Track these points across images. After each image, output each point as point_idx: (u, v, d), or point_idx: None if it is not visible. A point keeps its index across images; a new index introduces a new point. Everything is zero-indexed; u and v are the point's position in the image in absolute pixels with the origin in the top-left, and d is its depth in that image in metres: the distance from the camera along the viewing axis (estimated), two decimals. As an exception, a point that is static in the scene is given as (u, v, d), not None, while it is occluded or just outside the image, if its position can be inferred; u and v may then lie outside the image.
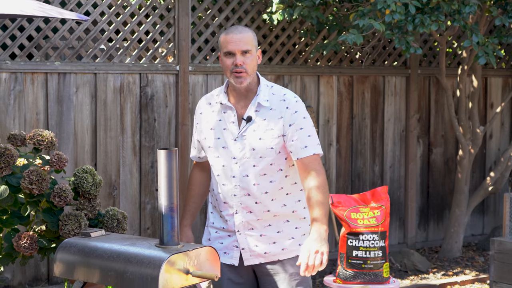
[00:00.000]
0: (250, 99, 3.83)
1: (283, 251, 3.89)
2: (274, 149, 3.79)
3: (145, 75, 6.91)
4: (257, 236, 3.87)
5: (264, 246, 3.87)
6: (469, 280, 7.40)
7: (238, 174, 3.81)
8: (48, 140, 4.19)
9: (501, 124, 9.01)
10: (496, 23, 6.87)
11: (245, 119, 3.80)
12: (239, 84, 3.77)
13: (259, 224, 3.86)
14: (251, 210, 3.84)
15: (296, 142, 3.78)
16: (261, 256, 3.89)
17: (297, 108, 3.82)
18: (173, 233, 3.24)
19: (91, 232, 3.49)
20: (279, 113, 3.79)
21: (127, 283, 3.19)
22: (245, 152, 3.80)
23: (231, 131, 3.83)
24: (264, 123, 3.79)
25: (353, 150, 8.06)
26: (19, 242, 3.98)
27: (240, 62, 3.73)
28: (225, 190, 3.87)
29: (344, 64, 7.95)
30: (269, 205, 3.84)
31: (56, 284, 6.59)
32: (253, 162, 3.79)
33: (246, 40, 3.75)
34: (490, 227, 9.01)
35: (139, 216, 6.98)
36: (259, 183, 3.81)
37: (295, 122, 3.80)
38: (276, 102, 3.82)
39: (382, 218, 3.77)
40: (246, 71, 3.75)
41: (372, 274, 3.74)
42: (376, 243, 3.75)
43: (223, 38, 3.78)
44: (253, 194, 3.82)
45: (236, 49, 3.73)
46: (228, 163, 3.83)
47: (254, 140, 3.79)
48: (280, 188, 3.85)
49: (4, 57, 6.35)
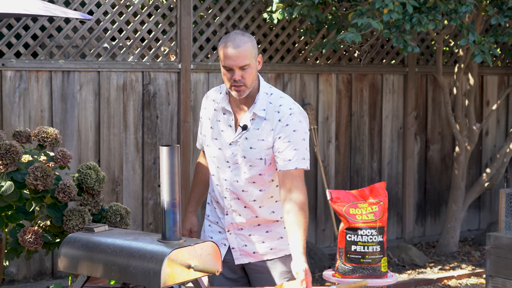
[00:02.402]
0: (249, 105, 3.80)
1: (271, 250, 3.89)
2: (263, 160, 3.76)
3: (147, 73, 6.94)
4: (246, 235, 3.87)
5: (253, 246, 3.88)
6: (466, 274, 7.44)
7: (229, 178, 3.81)
8: (52, 137, 4.20)
9: (497, 121, 9.02)
10: (492, 22, 6.91)
11: (241, 126, 3.78)
12: (238, 96, 3.73)
13: (248, 225, 3.87)
14: (240, 213, 3.85)
15: (281, 154, 3.71)
16: (250, 256, 3.89)
17: (289, 121, 3.74)
18: (175, 228, 3.21)
19: (94, 227, 3.43)
20: (271, 125, 3.74)
21: (130, 277, 3.17)
22: (237, 158, 3.78)
23: (228, 134, 3.83)
24: (257, 132, 3.75)
25: (352, 146, 8.08)
26: (24, 237, 3.99)
27: (238, 77, 3.67)
28: (217, 190, 3.88)
29: (343, 62, 7.96)
30: (257, 211, 3.84)
31: (60, 278, 6.61)
32: (244, 169, 3.78)
33: (244, 55, 3.66)
34: (486, 222, 9.03)
35: (141, 211, 7.01)
36: (248, 190, 3.80)
37: (285, 135, 3.72)
38: (271, 113, 3.76)
39: (380, 214, 3.78)
40: (245, 85, 3.69)
41: (371, 268, 3.75)
42: (374, 238, 3.75)
43: (222, 51, 3.68)
44: (242, 199, 3.82)
45: (234, 65, 3.65)
46: (222, 165, 3.83)
47: (246, 148, 3.76)
48: (270, 197, 3.84)
49: (9, 55, 6.37)
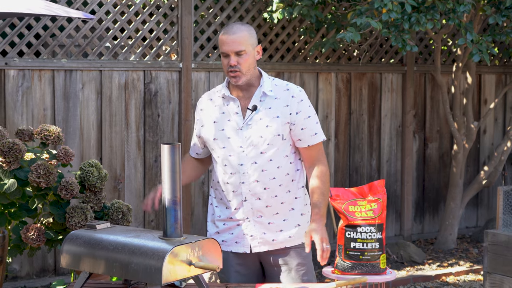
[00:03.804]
0: (252, 92, 3.88)
1: (290, 238, 3.93)
2: (281, 136, 3.82)
3: (149, 72, 6.98)
4: (265, 224, 3.89)
5: (272, 234, 3.90)
6: (464, 271, 7.47)
7: (246, 162, 3.84)
8: (55, 135, 4.24)
9: (494, 119, 9.05)
10: (489, 21, 6.96)
11: (250, 108, 3.85)
12: (234, 82, 3.82)
13: (268, 211, 3.90)
14: (259, 197, 3.88)
15: (306, 130, 3.85)
16: (269, 244, 3.91)
17: (302, 96, 3.89)
18: (177, 225, 3.25)
19: (96, 225, 3.47)
20: (284, 102, 3.84)
21: (132, 274, 3.19)
22: (252, 140, 3.82)
23: (235, 121, 3.87)
24: (270, 111, 3.83)
25: (351, 145, 8.11)
26: (27, 234, 4.03)
27: (234, 62, 3.76)
28: (233, 179, 3.88)
29: (342, 61, 8.00)
30: (276, 190, 3.89)
31: (63, 275, 6.66)
32: (261, 149, 3.82)
33: (240, 41, 3.76)
34: (484, 219, 9.06)
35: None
36: (267, 169, 3.84)
37: (302, 110, 3.86)
38: (280, 92, 3.87)
39: (379, 211, 3.80)
40: (240, 71, 3.78)
41: (370, 265, 3.77)
42: (373, 235, 3.77)
43: (220, 38, 3.81)
44: (261, 181, 3.84)
45: (230, 50, 3.76)
46: (235, 152, 3.85)
47: (262, 128, 3.82)
48: (286, 174, 3.88)
49: (12, 54, 6.42)
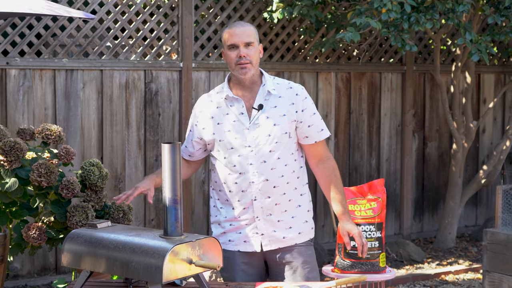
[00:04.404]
0: (255, 91, 3.90)
1: (299, 234, 3.94)
2: (288, 133, 3.85)
3: (149, 72, 7.00)
4: (275, 221, 3.89)
5: (282, 232, 3.90)
6: (463, 269, 7.49)
7: (255, 161, 3.85)
8: (56, 135, 4.22)
9: (493, 119, 9.06)
10: (488, 21, 6.96)
11: (255, 108, 3.87)
12: (244, 75, 3.84)
13: (277, 209, 3.89)
14: (269, 195, 3.88)
15: (313, 127, 3.90)
16: (279, 241, 3.92)
17: (306, 94, 3.94)
18: (177, 224, 3.25)
19: (97, 223, 3.47)
20: (289, 100, 3.87)
21: (132, 273, 3.20)
22: (260, 139, 3.84)
23: (241, 121, 3.88)
24: (276, 110, 3.85)
25: (351, 144, 8.13)
26: (28, 232, 4.01)
27: (244, 53, 3.80)
28: (242, 178, 3.88)
29: (342, 61, 8.02)
30: (285, 188, 3.88)
31: (64, 273, 6.67)
32: (269, 147, 3.84)
33: (248, 33, 3.82)
34: (483, 218, 9.07)
35: (144, 207, 7.08)
36: (276, 167, 3.85)
37: (307, 108, 3.90)
38: (283, 90, 3.90)
39: (379, 210, 3.84)
40: (250, 62, 3.82)
41: (369, 263, 3.81)
42: (373, 234, 3.83)
43: (227, 33, 3.84)
44: (271, 179, 3.85)
45: (240, 41, 3.80)
46: (243, 152, 3.86)
47: (269, 126, 3.84)
48: (292, 172, 3.90)
49: (13, 54, 6.44)
